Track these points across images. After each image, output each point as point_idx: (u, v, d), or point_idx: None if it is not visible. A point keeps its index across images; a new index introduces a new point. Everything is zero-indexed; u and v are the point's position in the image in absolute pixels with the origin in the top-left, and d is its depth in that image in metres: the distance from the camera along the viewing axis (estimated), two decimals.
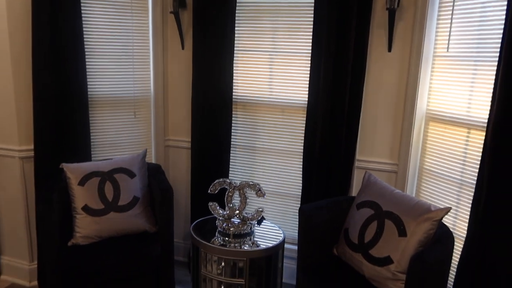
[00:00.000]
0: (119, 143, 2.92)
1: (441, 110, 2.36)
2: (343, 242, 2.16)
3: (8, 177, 2.72)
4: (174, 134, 3.08)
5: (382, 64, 2.51)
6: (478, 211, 2.03)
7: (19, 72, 2.56)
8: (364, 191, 2.20)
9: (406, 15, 2.40)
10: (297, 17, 2.64)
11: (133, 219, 2.36)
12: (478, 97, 2.14)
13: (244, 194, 2.35)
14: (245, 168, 2.96)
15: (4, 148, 2.67)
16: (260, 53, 2.77)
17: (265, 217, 2.69)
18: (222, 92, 2.77)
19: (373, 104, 2.57)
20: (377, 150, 2.61)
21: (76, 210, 2.30)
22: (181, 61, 2.95)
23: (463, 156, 2.24)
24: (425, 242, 1.88)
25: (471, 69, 2.17)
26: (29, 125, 2.64)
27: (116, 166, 2.43)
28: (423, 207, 1.92)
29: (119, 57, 2.80)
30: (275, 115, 2.82)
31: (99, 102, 2.79)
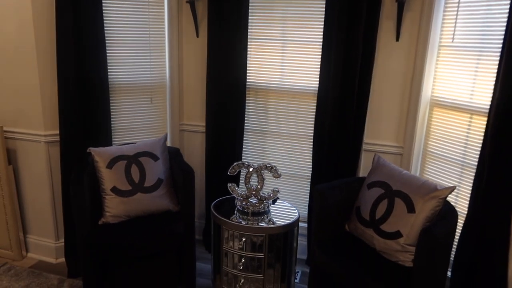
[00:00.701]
0: (137, 127, 3.05)
1: (445, 97, 2.53)
2: (355, 219, 2.35)
3: (34, 161, 2.85)
4: (188, 119, 3.23)
5: (390, 52, 2.66)
6: (479, 190, 2.23)
7: (44, 60, 2.67)
8: (374, 172, 2.38)
9: (414, 7, 2.54)
10: (308, 7, 2.76)
11: (158, 199, 2.52)
12: (480, 85, 2.30)
13: (261, 175, 2.51)
14: (257, 151, 3.12)
15: (31, 133, 2.79)
16: (272, 42, 2.90)
17: (278, 196, 2.86)
18: (236, 79, 2.91)
19: (381, 90, 2.72)
20: (383, 134, 2.79)
21: (105, 191, 2.45)
22: (195, 48, 3.06)
23: (465, 139, 2.42)
24: (431, 218, 2.07)
25: (474, 58, 2.33)
26: (53, 111, 2.76)
27: (140, 150, 2.57)
28: (430, 186, 2.11)
29: (136, 45, 2.91)
30: (286, 101, 2.97)
31: (118, 88, 2.91)
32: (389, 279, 2.01)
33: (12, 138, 2.85)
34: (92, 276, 2.41)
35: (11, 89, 2.75)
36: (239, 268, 2.44)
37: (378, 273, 2.05)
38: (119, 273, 2.55)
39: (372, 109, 2.76)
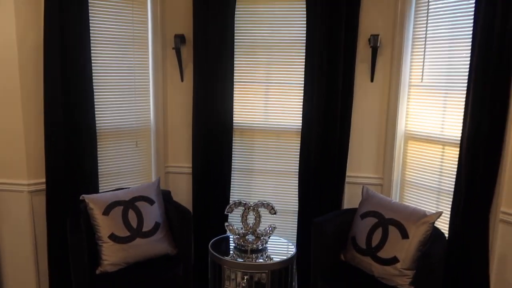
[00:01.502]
0: (123, 172, 3.03)
1: (418, 130, 2.80)
2: (351, 248, 2.48)
3: (15, 212, 2.72)
4: (174, 161, 3.25)
5: (366, 92, 2.92)
6: (457, 214, 2.46)
7: (28, 107, 2.63)
8: (365, 203, 2.56)
9: (385, 51, 2.84)
10: (290, 52, 2.98)
11: (156, 243, 2.50)
12: (450, 118, 2.60)
13: (258, 213, 2.59)
14: (244, 189, 3.20)
15: (12, 183, 2.68)
16: (256, 84, 3.07)
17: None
18: (222, 120, 3.01)
19: (360, 126, 2.96)
20: (364, 166, 3.00)
21: (102, 239, 2.40)
22: (180, 92, 3.15)
23: (440, 168, 2.68)
24: (424, 242, 2.26)
25: (442, 95, 2.64)
26: (37, 158, 2.69)
27: (136, 194, 2.56)
28: (419, 213, 2.31)
29: (122, 91, 2.95)
30: (271, 139, 3.12)
31: (105, 133, 2.91)
32: None
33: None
34: None
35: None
36: None
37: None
38: None
39: (353, 144, 2.97)
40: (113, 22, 2.85)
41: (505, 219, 2.32)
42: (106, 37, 2.83)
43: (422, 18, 2.69)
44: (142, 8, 2.99)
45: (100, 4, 2.79)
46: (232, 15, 2.89)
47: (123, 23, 2.90)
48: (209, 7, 2.89)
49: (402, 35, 2.76)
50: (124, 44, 2.92)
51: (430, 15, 2.64)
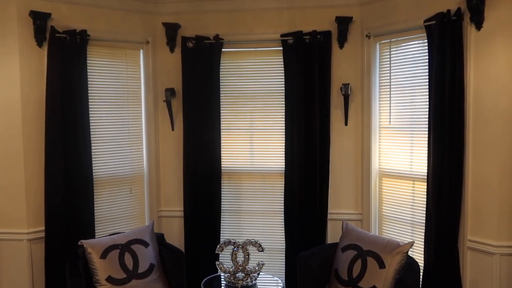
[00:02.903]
0: (118, 217, 3.20)
1: (390, 168, 3.07)
2: (334, 281, 2.66)
3: (14, 260, 2.84)
4: (166, 205, 3.44)
5: (341, 135, 3.20)
6: (430, 244, 2.67)
7: (30, 160, 2.83)
8: (345, 237, 2.76)
9: (356, 98, 3.16)
10: (271, 100, 3.28)
11: (151, 284, 2.64)
12: (417, 156, 2.88)
13: (247, 250, 2.77)
14: (234, 229, 3.38)
15: (12, 232, 2.82)
16: (241, 130, 3.34)
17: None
18: (211, 165, 3.24)
19: (338, 166, 3.21)
20: (344, 203, 3.23)
21: (99, 282, 2.54)
22: (171, 140, 3.39)
23: (411, 202, 2.93)
24: (399, 270, 2.45)
25: (409, 136, 2.94)
26: (37, 207, 2.85)
27: (131, 237, 2.73)
28: (393, 244, 2.52)
29: (117, 141, 3.20)
30: (257, 181, 3.35)
31: (101, 181, 3.10)
32: None
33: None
34: None
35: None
36: None
37: None
38: None
39: (333, 182, 3.21)
40: (109, 78, 3.15)
41: (472, 247, 2.55)
42: (102, 92, 3.10)
43: (385, 67, 3.04)
44: (135, 66, 3.29)
45: (98, 63, 3.08)
46: (217, 69, 3.21)
47: (118, 79, 3.19)
48: (196, 63, 3.21)
49: (369, 83, 3.09)
50: (119, 98, 3.19)
51: (392, 65, 2.99)
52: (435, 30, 2.58)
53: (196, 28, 3.24)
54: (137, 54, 3.31)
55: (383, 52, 3.06)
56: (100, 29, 3.05)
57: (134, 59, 3.29)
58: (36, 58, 2.85)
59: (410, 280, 2.30)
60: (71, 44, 2.87)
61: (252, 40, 3.26)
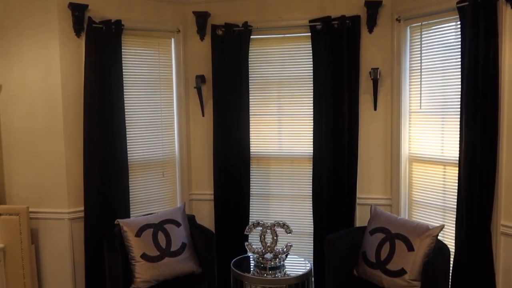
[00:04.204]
0: (151, 200, 3.34)
1: (420, 153, 3.04)
2: (362, 263, 2.67)
3: (56, 238, 3.03)
4: (197, 189, 3.55)
5: (370, 120, 3.19)
6: (461, 230, 2.63)
7: (70, 144, 2.99)
8: (373, 220, 2.77)
9: (385, 83, 3.13)
10: (299, 86, 3.31)
11: (183, 262, 2.75)
12: (448, 140, 2.83)
13: (275, 232, 2.83)
14: (262, 213, 3.45)
15: (55, 212, 3.00)
16: (270, 116, 3.39)
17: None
18: (240, 150, 3.31)
19: (367, 151, 3.21)
20: (373, 188, 3.22)
21: (134, 258, 2.67)
22: (202, 126, 3.49)
23: (443, 187, 2.89)
24: (428, 253, 2.44)
25: (440, 120, 2.89)
26: (77, 189, 3.02)
27: (164, 218, 2.85)
28: (423, 227, 2.51)
29: (150, 127, 3.32)
30: (285, 166, 3.39)
31: (135, 165, 3.24)
32: None
33: (36, 218, 3.03)
34: None
35: (38, 169, 3.00)
36: None
37: None
38: None
39: (361, 167, 3.21)
40: (142, 66, 3.26)
41: (506, 232, 2.49)
42: (136, 79, 3.23)
43: (416, 51, 2.99)
44: (167, 54, 3.40)
45: (132, 52, 3.20)
46: (246, 56, 3.26)
47: (151, 67, 3.30)
48: (225, 50, 3.27)
49: (399, 67, 3.05)
50: (152, 85, 3.30)
51: (423, 49, 2.94)
52: (468, 12, 2.51)
53: (225, 16, 3.30)
54: (168, 43, 3.41)
55: (414, 36, 3.02)
56: (134, 19, 3.16)
57: (165, 48, 3.40)
58: (75, 48, 3.00)
59: (440, 263, 2.29)
60: (106, 34, 3.00)
61: (280, 26, 3.29)
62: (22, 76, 2.97)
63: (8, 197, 3.08)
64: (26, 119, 2.99)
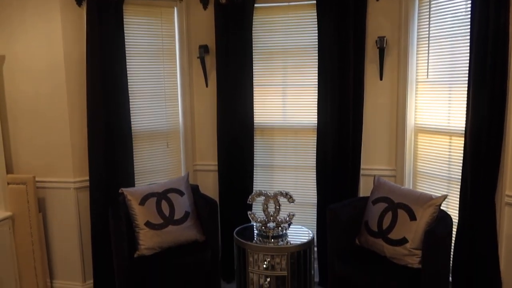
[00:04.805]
0: (156, 170, 3.36)
1: (426, 123, 2.99)
2: (364, 232, 2.68)
3: (63, 207, 3.08)
4: (201, 159, 3.56)
5: (376, 90, 3.13)
6: (465, 201, 2.62)
7: (73, 115, 3.00)
8: (376, 190, 2.76)
9: (392, 52, 3.06)
10: (304, 56, 3.25)
11: (186, 230, 2.79)
12: (455, 110, 2.78)
13: (278, 201, 2.84)
14: (266, 184, 3.46)
15: (61, 181, 3.05)
16: (274, 87, 3.35)
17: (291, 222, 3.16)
18: (244, 120, 3.29)
19: (372, 122, 3.17)
20: (378, 159, 3.20)
21: (139, 226, 2.71)
22: (205, 97, 3.46)
23: (448, 157, 2.86)
24: (431, 223, 2.44)
25: (447, 89, 2.83)
26: (81, 159, 3.05)
27: (168, 187, 2.87)
28: (426, 197, 2.50)
29: (154, 97, 3.30)
30: (289, 137, 3.37)
31: (139, 136, 3.25)
32: (401, 279, 2.33)
33: (43, 187, 3.08)
34: None
35: (44, 142, 3.03)
36: (266, 286, 2.69)
37: (391, 275, 2.36)
38: None
39: (366, 139, 3.18)
40: (145, 36, 3.22)
41: (511, 202, 2.47)
42: (139, 49, 3.19)
43: (424, 19, 2.91)
44: (170, 23, 3.35)
45: (134, 22, 3.16)
46: (249, 26, 3.19)
47: (154, 37, 3.26)
48: (228, 19, 3.20)
49: (407, 36, 2.97)
50: (154, 55, 3.27)
51: (432, 17, 2.85)
52: None
53: None
54: (171, 12, 3.35)
55: (422, 2, 2.92)
56: None
57: (168, 17, 3.34)
58: (76, 17, 2.97)
59: (441, 232, 2.28)
60: (108, 2, 2.95)
61: None
62: (26, 47, 2.96)
63: (15, 166, 3.13)
64: (30, 90, 3.00)
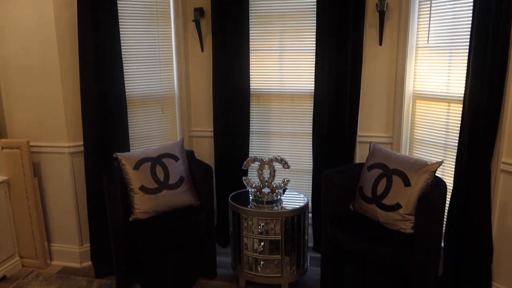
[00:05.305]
0: (151, 136, 3.33)
1: (425, 90, 2.94)
2: (358, 198, 2.69)
3: (58, 171, 3.08)
4: (196, 126, 3.53)
5: (375, 55, 3.07)
6: (461, 166, 2.61)
7: (66, 78, 2.94)
8: (372, 156, 2.74)
9: (392, 15, 2.97)
10: (301, 20, 3.16)
11: (181, 195, 2.79)
12: (454, 77, 2.73)
13: (273, 167, 2.83)
14: (262, 151, 3.44)
15: (55, 146, 3.03)
16: (271, 51, 3.28)
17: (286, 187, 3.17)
18: (240, 86, 3.24)
19: (369, 88, 3.12)
20: (374, 126, 3.17)
21: (133, 190, 2.71)
22: (201, 61, 3.40)
23: (446, 124, 2.83)
24: (425, 189, 2.43)
25: (447, 55, 2.76)
26: (75, 124, 3.01)
27: (162, 152, 2.85)
28: (421, 163, 2.48)
29: (148, 62, 3.23)
30: (286, 103, 3.33)
31: (134, 101, 3.20)
32: (393, 243, 2.34)
33: (37, 152, 3.07)
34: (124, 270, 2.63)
35: (36, 105, 2.99)
36: (260, 250, 2.72)
37: (384, 239, 2.38)
38: (147, 266, 2.78)
39: (363, 105, 3.14)
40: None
41: (506, 169, 2.46)
42: (132, 12, 3.10)
43: None
44: None
45: None
46: None
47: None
48: None
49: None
50: (148, 18, 3.18)
51: None
52: None
53: None
54: None
55: None
56: None
57: None
58: None
59: (435, 198, 2.28)
60: None
61: None
62: (15, 15, 2.87)
63: (9, 132, 3.11)
64: (22, 57, 2.94)
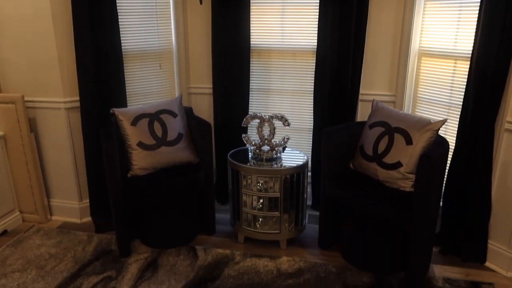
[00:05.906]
0: (148, 92, 3.26)
1: (431, 46, 2.84)
2: (359, 156, 2.66)
3: (55, 127, 3.03)
4: (195, 82, 3.44)
5: (381, 9, 2.93)
6: (465, 124, 2.56)
7: (60, 34, 2.82)
8: (374, 114, 2.69)
9: None
10: None
11: (180, 152, 2.76)
12: (463, 33, 2.62)
13: (273, 125, 2.78)
14: (262, 108, 3.38)
15: (51, 101, 2.96)
16: (272, 5, 3.13)
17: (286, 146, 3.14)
18: (240, 41, 3.13)
19: (374, 44, 3.01)
20: (377, 84, 3.09)
21: (131, 146, 2.67)
22: (200, 15, 3.26)
23: (451, 82, 2.75)
24: (427, 148, 2.39)
25: (456, 10, 2.64)
26: (71, 79, 2.93)
27: (160, 108, 2.79)
28: (424, 121, 2.43)
29: (145, 15, 3.09)
30: (287, 60, 3.23)
31: (130, 56, 3.10)
32: (393, 201, 2.34)
33: (33, 107, 3.01)
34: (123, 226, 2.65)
35: (31, 59, 2.89)
36: (259, 207, 2.72)
37: (383, 197, 2.37)
38: (146, 222, 2.80)
39: (367, 62, 3.05)
40: None
41: (510, 128, 2.41)
42: None
43: None
44: None
45: None
46: None
47: None
48: None
49: None
50: None
51: None
52: None
53: None
54: None
55: None
56: None
57: None
58: None
59: (437, 156, 2.24)
60: None
61: None
62: None
63: (3, 87, 3.03)
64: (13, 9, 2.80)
